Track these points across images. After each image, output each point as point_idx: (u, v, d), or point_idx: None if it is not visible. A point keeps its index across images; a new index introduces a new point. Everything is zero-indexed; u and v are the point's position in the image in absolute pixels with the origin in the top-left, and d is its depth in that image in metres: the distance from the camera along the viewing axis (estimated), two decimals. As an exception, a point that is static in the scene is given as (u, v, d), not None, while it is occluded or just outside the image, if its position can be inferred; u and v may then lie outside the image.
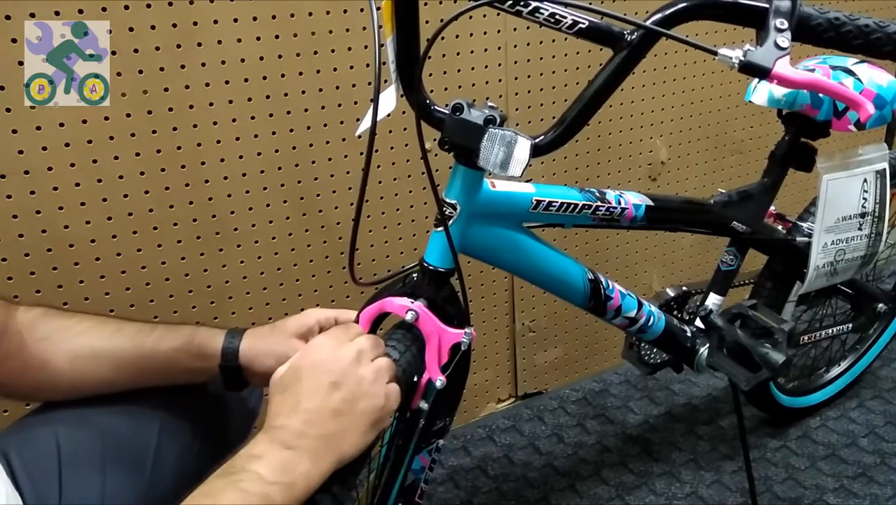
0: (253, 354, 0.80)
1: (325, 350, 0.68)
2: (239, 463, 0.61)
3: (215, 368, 0.80)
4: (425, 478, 0.90)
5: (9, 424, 0.80)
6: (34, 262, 1.04)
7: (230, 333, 0.81)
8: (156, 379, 0.80)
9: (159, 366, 0.79)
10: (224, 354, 0.79)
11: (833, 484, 1.39)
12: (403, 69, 0.78)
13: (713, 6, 0.75)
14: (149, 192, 1.09)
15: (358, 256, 0.85)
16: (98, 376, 0.77)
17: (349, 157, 1.22)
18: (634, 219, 1.01)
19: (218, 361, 0.79)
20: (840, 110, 1.08)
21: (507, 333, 1.55)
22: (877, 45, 0.74)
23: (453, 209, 0.81)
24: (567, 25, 0.75)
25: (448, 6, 1.21)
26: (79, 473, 0.74)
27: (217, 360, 0.79)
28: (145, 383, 0.80)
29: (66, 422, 0.77)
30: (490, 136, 0.74)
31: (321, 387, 0.66)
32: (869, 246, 1.16)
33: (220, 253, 1.17)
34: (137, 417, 0.80)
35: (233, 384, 0.82)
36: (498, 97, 1.35)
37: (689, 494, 1.37)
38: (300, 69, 1.14)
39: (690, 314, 1.22)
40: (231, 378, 0.81)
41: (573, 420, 1.57)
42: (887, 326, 1.58)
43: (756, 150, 1.70)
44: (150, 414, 0.81)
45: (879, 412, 1.57)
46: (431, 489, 1.37)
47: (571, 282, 0.99)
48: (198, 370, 0.80)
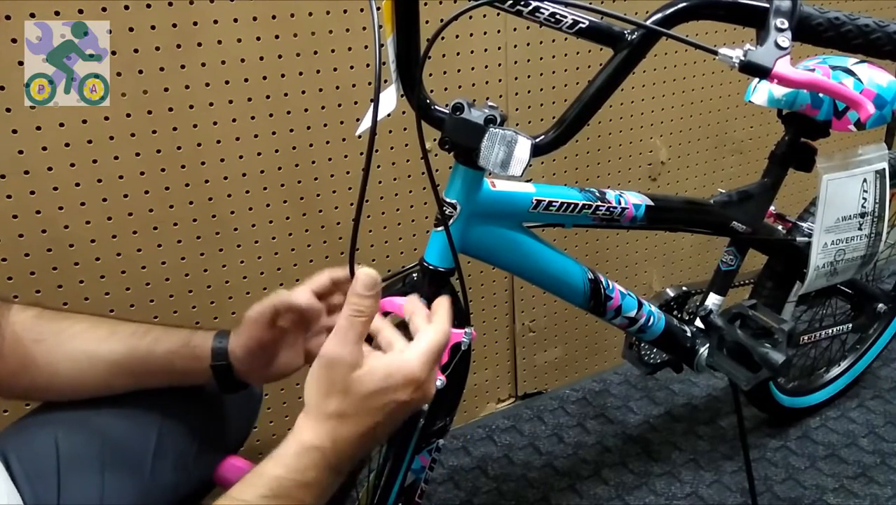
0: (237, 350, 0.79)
1: (416, 367, 0.61)
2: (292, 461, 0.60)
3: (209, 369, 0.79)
4: (425, 478, 0.91)
5: (8, 424, 0.80)
6: (34, 262, 1.04)
7: (219, 333, 0.80)
8: (152, 381, 0.80)
9: (155, 369, 0.78)
10: (214, 354, 0.78)
11: (833, 484, 1.39)
12: (403, 69, 0.78)
13: (713, 6, 0.75)
14: (149, 192, 1.09)
15: (358, 256, 0.85)
16: (94, 379, 0.77)
17: (349, 157, 1.22)
18: (634, 219, 1.01)
19: (209, 363, 0.78)
20: (840, 110, 1.08)
21: (507, 333, 1.55)
22: (877, 45, 0.74)
23: (453, 209, 0.81)
24: (567, 25, 0.75)
25: (448, 6, 1.21)
26: (77, 474, 0.73)
27: (209, 361, 0.79)
28: (141, 386, 0.79)
29: (65, 423, 0.76)
30: (490, 136, 0.74)
31: (392, 404, 0.61)
32: (869, 246, 1.16)
33: (220, 253, 1.17)
34: (136, 418, 0.80)
35: (228, 385, 0.80)
36: (498, 97, 1.35)
37: (689, 494, 1.37)
38: (300, 69, 1.14)
39: (690, 314, 1.22)
40: (224, 379, 0.80)
41: (573, 420, 1.57)
42: (887, 326, 1.58)
43: (756, 150, 1.70)
44: (149, 415, 0.80)
45: (879, 412, 1.57)
46: (431, 489, 1.37)
47: (571, 282, 0.99)
48: (193, 372, 0.79)
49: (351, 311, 0.60)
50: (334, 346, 0.60)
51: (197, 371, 0.79)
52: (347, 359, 0.59)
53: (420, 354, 0.62)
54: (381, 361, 0.61)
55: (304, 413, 0.61)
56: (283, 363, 0.80)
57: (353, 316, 0.60)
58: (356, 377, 0.60)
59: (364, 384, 0.60)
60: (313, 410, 0.60)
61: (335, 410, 0.60)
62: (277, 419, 1.32)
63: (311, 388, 0.61)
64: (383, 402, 0.60)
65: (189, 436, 0.83)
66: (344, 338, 0.59)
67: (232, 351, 0.78)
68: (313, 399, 0.61)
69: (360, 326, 0.60)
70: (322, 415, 0.60)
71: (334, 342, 0.60)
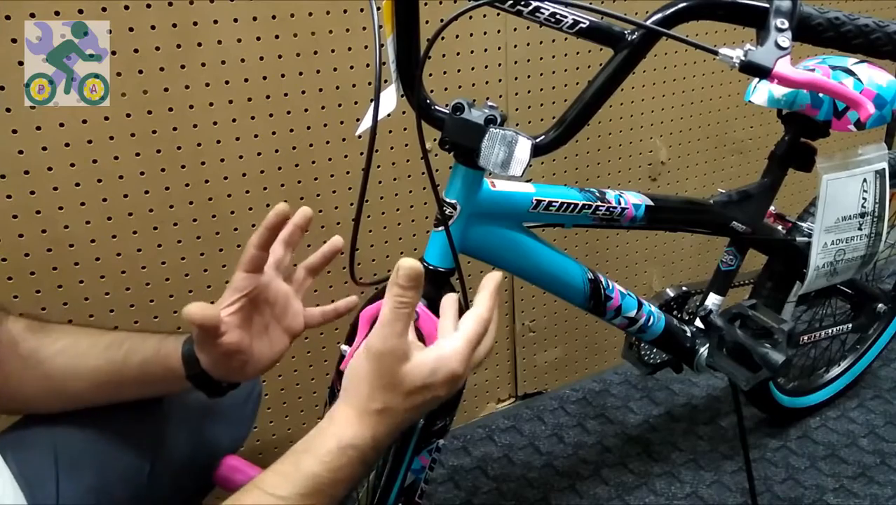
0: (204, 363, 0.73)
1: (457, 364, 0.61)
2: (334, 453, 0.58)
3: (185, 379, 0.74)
4: (425, 478, 0.90)
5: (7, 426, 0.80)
6: (34, 262, 1.04)
7: (188, 340, 0.74)
8: (131, 393, 0.77)
9: (132, 380, 0.75)
10: (186, 361, 0.73)
11: (833, 484, 1.39)
12: (403, 69, 0.78)
13: (713, 6, 0.75)
14: (149, 192, 1.09)
15: (358, 256, 0.85)
16: (77, 394, 0.75)
17: (349, 157, 1.22)
18: (634, 219, 1.01)
19: (183, 372, 0.73)
20: (840, 110, 1.08)
21: (507, 333, 1.55)
22: (876, 45, 0.74)
23: (453, 209, 0.81)
24: (568, 25, 0.75)
25: (448, 6, 1.21)
26: (76, 475, 0.73)
27: (181, 370, 0.73)
28: (123, 398, 0.77)
29: (64, 424, 0.76)
30: (491, 136, 0.74)
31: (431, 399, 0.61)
32: (869, 246, 1.16)
33: (220, 253, 1.17)
34: (135, 419, 0.79)
35: (210, 390, 0.76)
36: (498, 97, 1.35)
37: (689, 494, 1.37)
38: (300, 69, 1.14)
39: (690, 314, 1.22)
40: (206, 386, 0.75)
41: (573, 420, 1.57)
42: (887, 326, 1.58)
43: (756, 150, 1.70)
44: (147, 416, 0.80)
45: (879, 412, 1.57)
46: (431, 489, 1.37)
47: (571, 282, 0.99)
48: (169, 381, 0.75)
49: (395, 302, 0.58)
50: (382, 338, 0.59)
51: (171, 380, 0.74)
52: (396, 352, 0.59)
53: (461, 349, 0.61)
54: (428, 356, 0.60)
55: (347, 405, 0.60)
56: (265, 356, 0.75)
57: (397, 308, 0.58)
58: (404, 372, 0.59)
59: (412, 380, 0.59)
60: (357, 405, 0.59)
61: (381, 405, 0.59)
62: (277, 419, 1.32)
63: (357, 381, 0.60)
64: (425, 398, 0.60)
65: (188, 436, 0.83)
66: (391, 330, 0.58)
67: (201, 361, 0.73)
68: (358, 392, 0.59)
69: (405, 317, 0.59)
70: (366, 410, 0.59)
71: (381, 335, 0.59)
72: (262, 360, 0.75)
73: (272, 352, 0.76)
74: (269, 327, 0.76)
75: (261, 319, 0.75)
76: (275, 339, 0.76)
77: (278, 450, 1.32)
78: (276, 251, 0.77)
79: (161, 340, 0.75)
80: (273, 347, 0.76)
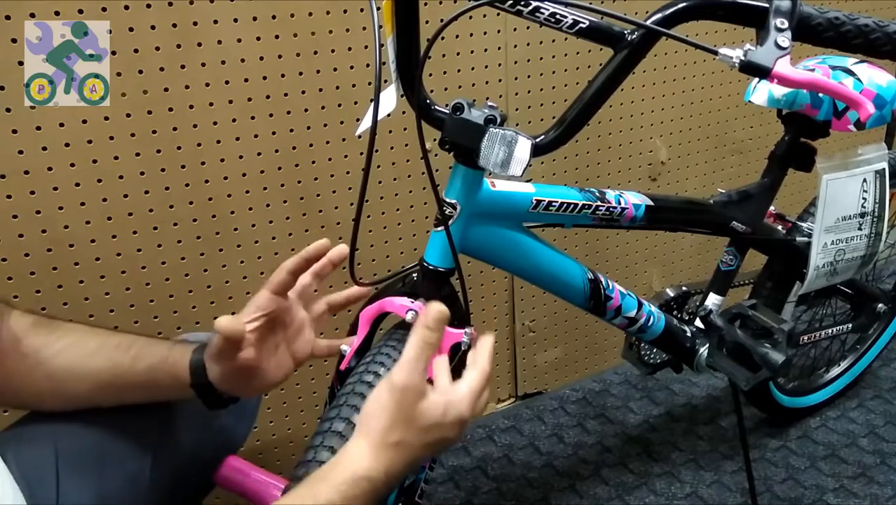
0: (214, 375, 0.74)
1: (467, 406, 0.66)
2: None
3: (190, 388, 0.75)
4: (425, 478, 0.90)
5: (7, 425, 0.80)
6: (34, 262, 1.04)
7: (197, 349, 0.75)
8: (135, 397, 0.77)
9: (137, 385, 0.75)
10: (192, 371, 0.74)
11: (833, 484, 1.39)
12: (403, 69, 0.78)
13: (713, 6, 0.75)
14: (149, 192, 1.09)
15: (358, 256, 0.85)
16: (78, 395, 0.75)
17: (349, 157, 1.22)
18: (634, 219, 1.01)
19: (188, 381, 0.75)
20: (840, 110, 1.08)
21: (507, 333, 1.55)
22: (876, 45, 0.75)
23: (453, 209, 0.81)
24: (567, 25, 0.75)
25: (448, 6, 1.21)
26: (77, 474, 0.73)
27: (188, 379, 0.75)
28: (126, 401, 0.77)
29: (65, 424, 0.76)
30: (491, 136, 0.74)
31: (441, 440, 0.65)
32: (869, 246, 1.16)
33: (220, 253, 1.17)
34: (135, 420, 0.79)
35: (211, 402, 0.77)
36: (498, 97, 1.35)
37: (689, 494, 1.37)
38: (300, 69, 1.14)
39: (690, 314, 1.22)
40: (207, 396, 0.76)
41: (573, 420, 1.57)
42: (887, 326, 1.58)
43: (756, 150, 1.70)
44: (148, 417, 0.80)
45: (879, 412, 1.57)
46: (431, 489, 1.37)
47: (571, 282, 0.99)
48: (174, 389, 0.76)
49: (420, 342, 0.64)
50: (406, 374, 0.63)
51: (175, 388, 0.75)
52: (418, 388, 0.63)
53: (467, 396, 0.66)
54: (440, 398, 0.65)
55: (364, 437, 0.63)
56: (270, 376, 0.77)
57: (422, 347, 0.63)
58: (422, 408, 0.63)
59: (427, 417, 0.63)
60: (375, 437, 0.62)
61: (398, 438, 0.62)
62: (277, 419, 1.32)
63: (376, 413, 0.63)
64: (436, 436, 0.64)
65: (189, 436, 0.83)
66: (414, 367, 0.63)
67: (210, 373, 0.74)
68: (377, 424, 0.62)
69: (428, 356, 0.64)
70: (383, 443, 0.62)
71: (405, 371, 0.63)
72: (266, 379, 0.77)
73: (278, 373, 0.78)
74: (279, 349, 0.78)
75: (273, 339, 0.78)
76: (282, 361, 0.79)
77: (278, 450, 1.33)
78: (304, 279, 0.80)
79: (169, 347, 0.77)
80: (279, 369, 0.78)
